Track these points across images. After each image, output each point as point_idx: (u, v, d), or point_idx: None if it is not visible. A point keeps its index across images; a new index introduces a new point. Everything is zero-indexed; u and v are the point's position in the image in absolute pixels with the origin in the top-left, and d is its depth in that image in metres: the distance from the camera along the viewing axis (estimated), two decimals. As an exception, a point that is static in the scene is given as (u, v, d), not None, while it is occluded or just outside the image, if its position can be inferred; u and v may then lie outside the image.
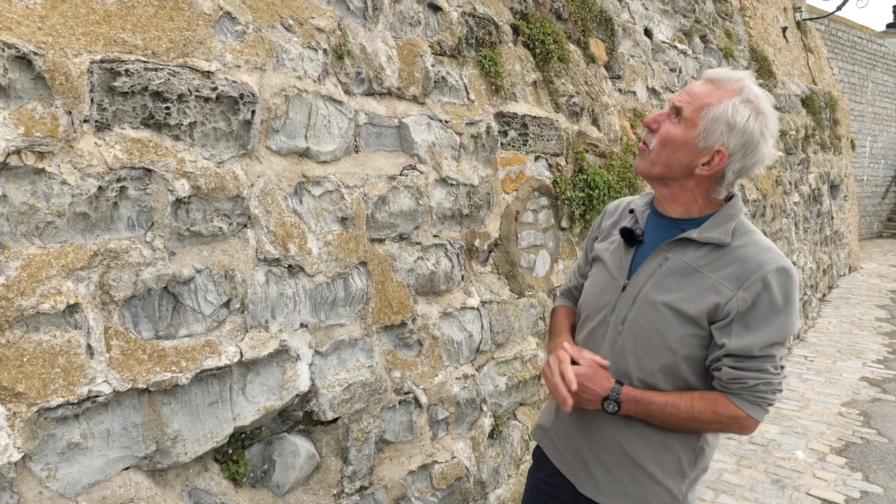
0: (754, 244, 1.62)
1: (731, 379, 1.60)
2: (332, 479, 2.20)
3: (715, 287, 1.59)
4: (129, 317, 1.72)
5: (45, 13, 1.61)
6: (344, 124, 2.38)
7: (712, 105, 1.57)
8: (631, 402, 1.65)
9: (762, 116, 1.57)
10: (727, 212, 1.66)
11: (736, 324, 1.58)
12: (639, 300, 1.68)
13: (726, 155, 1.57)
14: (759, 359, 1.58)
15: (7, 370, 1.46)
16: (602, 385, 1.66)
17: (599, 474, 1.74)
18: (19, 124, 1.52)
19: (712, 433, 1.74)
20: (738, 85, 1.59)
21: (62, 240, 1.60)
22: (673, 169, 1.64)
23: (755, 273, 1.57)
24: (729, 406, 1.61)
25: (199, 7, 1.92)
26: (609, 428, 1.72)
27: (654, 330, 1.65)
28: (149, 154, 1.74)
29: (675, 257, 1.66)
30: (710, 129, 1.57)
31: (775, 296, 1.56)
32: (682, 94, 1.64)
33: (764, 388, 1.60)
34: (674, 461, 1.70)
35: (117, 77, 1.69)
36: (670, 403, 1.64)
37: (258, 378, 1.99)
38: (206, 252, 1.89)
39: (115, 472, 1.65)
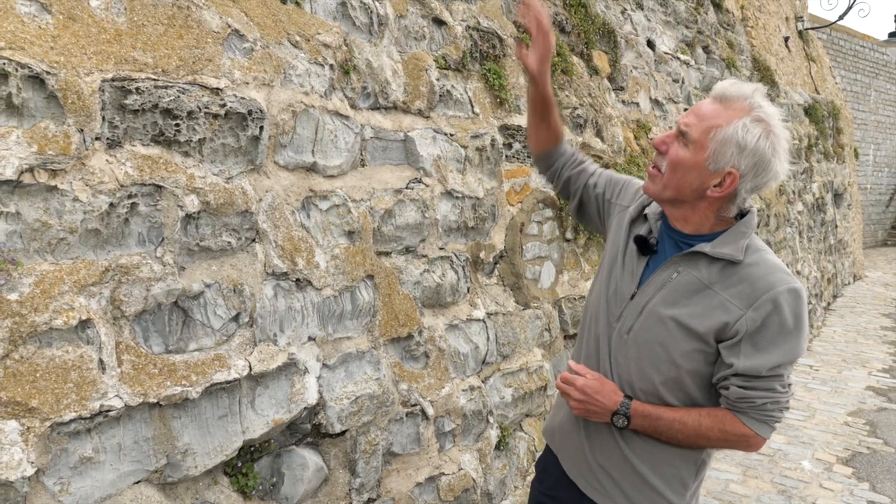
0: (765, 263, 1.61)
1: (739, 398, 1.60)
2: (340, 492, 2.21)
3: (724, 305, 1.58)
4: (139, 331, 1.74)
5: (58, 33, 1.63)
6: (350, 139, 2.41)
7: (721, 126, 1.54)
8: (640, 418, 1.66)
9: (773, 135, 1.54)
10: (740, 229, 1.64)
11: (745, 344, 1.57)
12: (646, 312, 1.68)
13: (738, 176, 1.55)
14: (767, 379, 1.58)
15: (21, 385, 1.47)
16: (611, 398, 1.66)
17: (603, 478, 1.75)
18: (32, 143, 1.55)
19: (718, 449, 1.76)
20: (747, 103, 1.55)
21: (74, 256, 1.62)
22: (684, 192, 1.62)
23: (766, 294, 1.56)
24: (736, 424, 1.61)
25: (208, 25, 1.95)
26: (612, 435, 1.73)
27: (658, 343, 1.65)
28: (159, 170, 1.77)
29: (685, 271, 1.65)
30: (720, 151, 1.54)
31: (786, 317, 1.56)
32: (689, 116, 1.61)
33: (772, 407, 1.61)
34: (675, 474, 1.72)
35: (128, 95, 1.71)
36: (678, 420, 1.65)
37: (267, 391, 2.00)
38: (216, 267, 1.91)
39: (126, 485, 1.66)
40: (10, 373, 1.47)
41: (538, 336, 3.38)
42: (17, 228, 1.53)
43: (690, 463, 1.73)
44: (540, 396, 3.29)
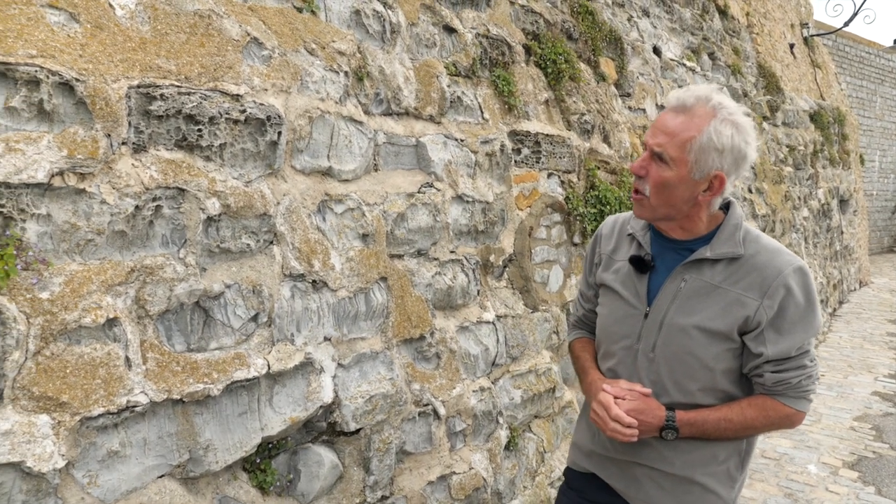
0: (765, 250, 1.66)
1: (775, 383, 1.66)
2: (354, 489, 2.25)
3: (739, 300, 1.63)
4: (162, 330, 1.80)
5: (86, 41, 1.69)
6: (364, 144, 2.46)
7: (695, 137, 1.57)
8: (687, 426, 1.68)
9: (741, 128, 1.59)
10: (731, 222, 1.69)
11: (768, 331, 1.62)
12: (665, 326, 1.70)
13: (724, 176, 1.60)
14: (796, 358, 1.65)
15: (52, 381, 1.53)
16: (656, 415, 1.68)
17: (650, 487, 1.77)
18: (62, 147, 1.60)
19: (765, 433, 1.78)
20: (710, 106, 1.58)
21: (101, 257, 1.68)
22: (677, 206, 1.65)
23: (776, 279, 1.61)
24: (778, 406, 1.68)
25: (228, 33, 2.01)
26: (659, 447, 1.74)
27: (688, 353, 1.67)
28: (182, 174, 1.82)
29: (692, 278, 1.68)
30: (702, 159, 1.58)
31: (799, 298, 1.61)
32: (659, 136, 1.62)
33: (806, 383, 1.67)
34: (723, 470, 1.75)
35: (153, 101, 1.77)
36: (724, 418, 1.68)
37: (284, 390, 2.05)
38: (235, 268, 1.97)
39: (151, 479, 1.71)
40: (42, 369, 1.52)
41: (546, 339, 3.42)
42: (47, 230, 1.59)
43: (735, 454, 1.76)
44: (548, 398, 3.33)
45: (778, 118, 8.63)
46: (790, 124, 9.10)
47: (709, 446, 1.73)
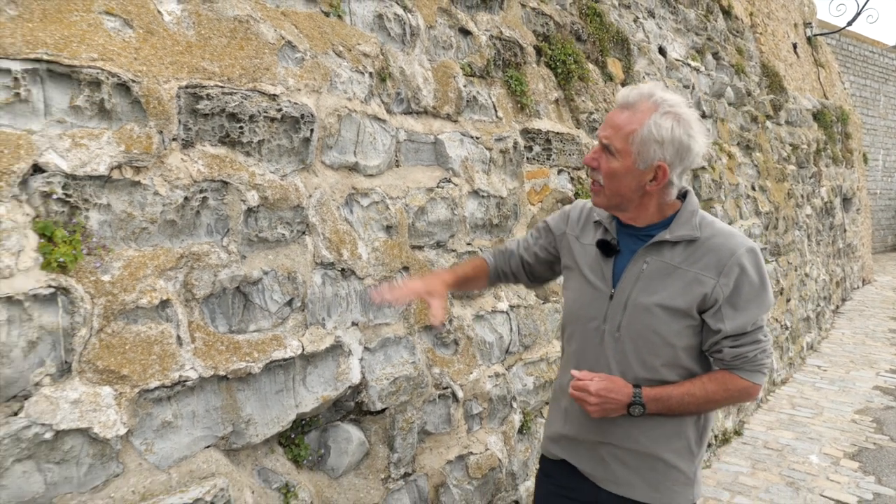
0: (719, 233, 1.79)
1: (733, 357, 1.78)
2: (380, 465, 2.40)
3: (698, 279, 1.76)
4: (207, 313, 1.94)
5: (139, 45, 1.84)
6: (387, 141, 2.61)
7: (636, 129, 1.69)
8: (653, 402, 1.80)
9: (683, 121, 1.69)
10: (688, 209, 1.82)
11: (725, 308, 1.75)
12: (630, 306, 1.82)
13: (667, 167, 1.71)
14: (752, 332, 1.78)
15: (113, 356, 1.67)
16: (624, 392, 1.79)
17: (618, 469, 1.88)
18: (120, 142, 1.75)
19: (725, 407, 1.93)
20: (651, 101, 1.70)
21: (154, 244, 1.83)
22: (626, 195, 1.78)
23: (730, 259, 1.74)
24: (736, 380, 1.80)
25: (265, 37, 2.16)
26: (625, 425, 1.85)
27: (651, 331, 1.79)
28: (225, 168, 1.97)
29: (653, 260, 1.80)
30: (644, 150, 1.70)
31: (752, 276, 1.75)
32: (607, 129, 1.76)
33: (761, 356, 1.81)
34: (684, 445, 1.87)
35: (200, 101, 1.91)
36: (687, 393, 1.80)
37: (316, 370, 2.20)
38: (272, 256, 2.11)
39: (199, 449, 1.86)
40: (105, 345, 1.67)
41: (557, 328, 3.56)
42: (107, 218, 1.73)
43: (696, 429, 1.88)
44: (559, 386, 3.47)
45: (781, 117, 8.76)
46: (793, 123, 9.22)
47: (670, 423, 1.84)
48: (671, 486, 1.86)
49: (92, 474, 1.62)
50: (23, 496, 1.51)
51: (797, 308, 8.13)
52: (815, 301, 9.11)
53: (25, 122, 1.60)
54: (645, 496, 1.87)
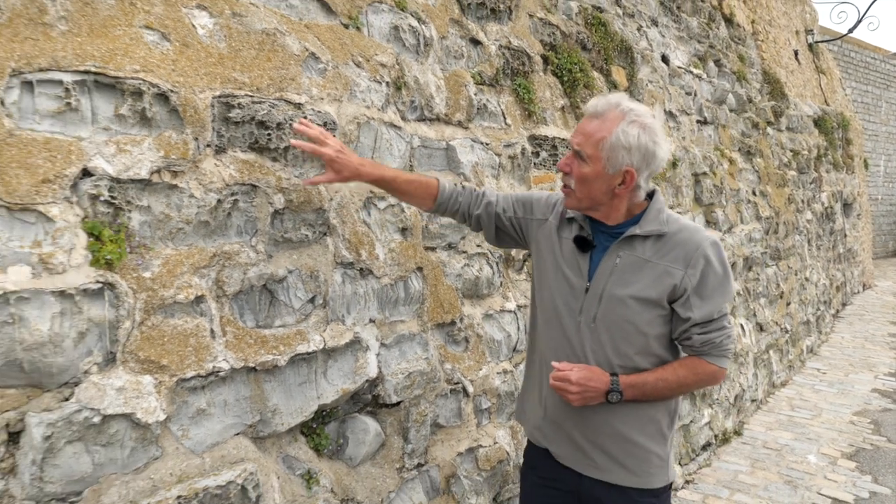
0: (685, 228, 1.95)
1: (702, 343, 1.94)
2: (395, 455, 2.52)
3: (667, 271, 1.91)
4: (236, 308, 2.07)
5: (176, 57, 1.97)
6: (402, 147, 2.73)
7: (605, 137, 1.84)
8: (629, 388, 1.94)
9: (648, 129, 1.85)
10: (655, 206, 1.97)
11: (692, 297, 1.91)
12: (605, 298, 1.96)
13: (634, 171, 1.86)
14: (718, 320, 1.94)
15: (154, 347, 1.80)
16: (602, 380, 1.93)
17: (597, 456, 2.02)
18: (160, 148, 1.88)
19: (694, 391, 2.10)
20: (618, 111, 1.85)
21: (189, 243, 1.95)
22: (597, 198, 1.94)
23: (696, 251, 1.90)
24: (705, 365, 1.97)
25: (290, 49, 2.28)
26: (602, 413, 1.99)
27: (626, 320, 1.94)
28: (255, 173, 2.10)
29: (626, 255, 1.95)
30: (612, 156, 1.85)
31: (716, 266, 1.91)
32: (578, 136, 1.90)
33: (727, 342, 1.98)
34: (657, 429, 2.03)
35: (231, 109, 2.04)
36: (660, 378, 1.96)
37: (336, 364, 2.32)
38: (296, 255, 2.24)
39: (229, 435, 1.98)
40: (145, 337, 1.79)
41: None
42: (147, 219, 1.86)
43: (667, 414, 2.05)
44: (564, 383, 3.59)
45: (782, 123, 8.88)
46: (794, 129, 9.34)
47: (643, 409, 1.99)
48: (648, 468, 2.02)
49: (134, 456, 1.75)
50: (73, 475, 1.64)
51: (797, 312, 8.25)
52: (815, 305, 9.22)
53: (75, 129, 1.73)
54: (625, 480, 2.02)
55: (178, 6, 2.03)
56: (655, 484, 2.04)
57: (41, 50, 1.69)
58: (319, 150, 2.07)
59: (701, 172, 5.95)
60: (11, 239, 1.57)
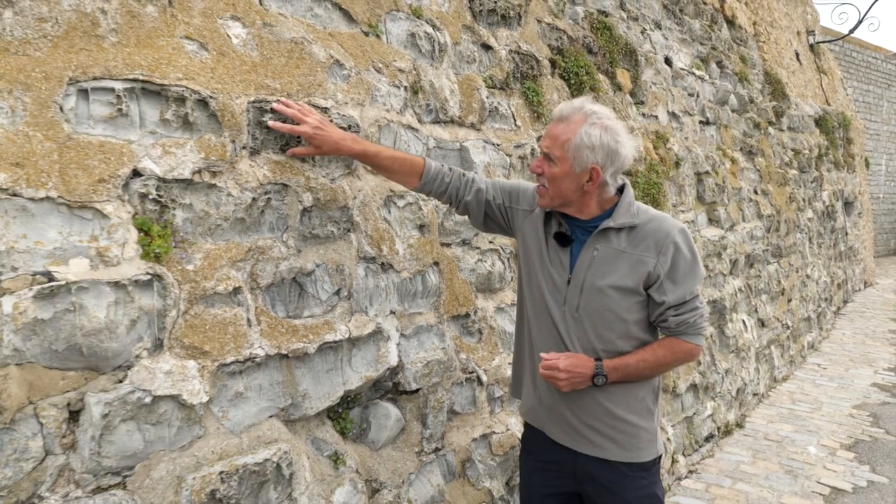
0: (655, 218, 2.11)
1: (677, 324, 2.11)
2: (414, 440, 2.67)
3: (641, 260, 2.06)
4: (268, 300, 2.21)
5: (214, 65, 2.11)
6: (420, 148, 2.88)
7: (570, 139, 1.99)
8: (613, 371, 2.10)
9: (609, 129, 2.00)
10: (625, 200, 2.12)
11: (665, 282, 2.07)
12: (585, 288, 2.11)
13: (599, 168, 2.01)
14: (690, 301, 2.10)
15: (196, 334, 1.95)
16: (588, 366, 2.09)
17: (589, 433, 2.18)
18: (200, 150, 2.02)
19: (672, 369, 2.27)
20: (581, 114, 2.01)
21: (227, 238, 2.10)
22: (568, 196, 2.08)
23: (665, 239, 2.06)
24: (681, 344, 2.14)
25: (317, 57, 2.43)
26: (592, 394, 2.15)
27: (606, 308, 2.10)
28: (285, 173, 2.24)
29: (602, 247, 2.10)
30: (577, 156, 2.00)
31: (685, 252, 2.07)
32: (546, 140, 2.06)
33: (700, 321, 2.14)
34: (643, 406, 2.19)
35: (265, 114, 2.19)
36: (641, 359, 2.12)
37: (360, 353, 2.46)
38: (322, 250, 2.38)
39: (264, 418, 2.13)
40: (189, 325, 1.94)
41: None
42: (189, 216, 2.01)
43: (651, 393, 2.22)
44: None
45: (783, 123, 9.01)
46: (795, 129, 9.48)
47: (630, 388, 2.15)
48: (637, 443, 2.18)
49: (180, 435, 1.90)
50: (126, 451, 1.78)
51: (798, 308, 8.38)
52: (816, 302, 9.35)
53: (125, 133, 1.88)
54: (617, 455, 2.17)
55: (213, 17, 2.18)
56: (644, 458, 2.19)
57: (95, 60, 1.84)
58: (296, 129, 2.17)
59: (703, 172, 6.09)
60: (72, 234, 1.72)
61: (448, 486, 2.78)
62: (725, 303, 5.96)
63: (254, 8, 2.31)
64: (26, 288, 1.62)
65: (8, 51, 1.71)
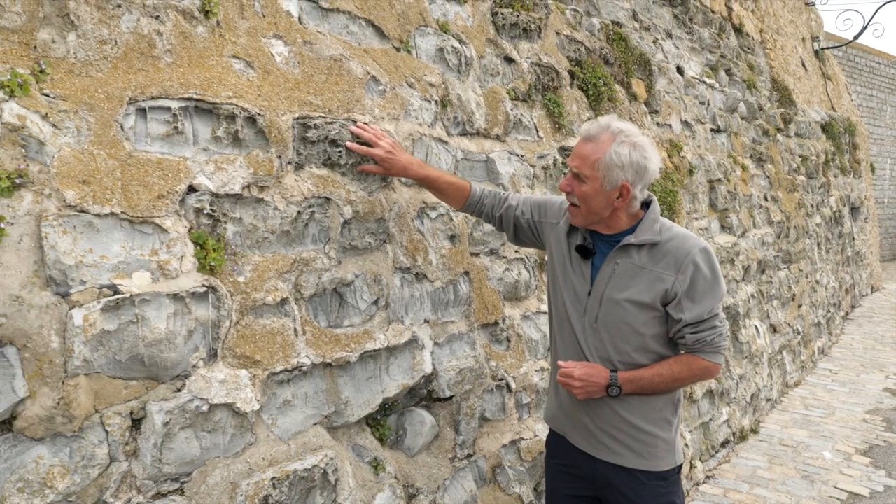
0: (677, 236, 2.13)
1: (694, 342, 2.12)
2: (447, 446, 2.73)
3: (660, 277, 2.09)
4: (311, 310, 2.27)
5: (260, 83, 2.18)
6: (449, 160, 2.94)
7: (600, 158, 2.03)
8: (627, 383, 2.14)
9: (638, 146, 2.04)
10: (650, 217, 2.15)
11: (684, 300, 2.08)
12: (604, 301, 2.16)
13: (629, 185, 2.06)
14: (708, 320, 2.11)
15: (248, 344, 2.01)
16: (602, 376, 2.14)
17: (607, 440, 2.22)
18: (249, 166, 2.09)
19: (689, 385, 2.30)
20: (609, 133, 2.05)
21: (273, 251, 2.16)
22: (600, 213, 2.13)
23: (686, 258, 2.08)
24: (698, 361, 2.16)
25: (354, 73, 2.50)
26: (609, 403, 2.19)
27: (622, 322, 2.13)
28: (328, 187, 2.31)
29: (623, 262, 2.14)
30: (608, 175, 2.04)
31: (705, 272, 2.09)
32: (575, 160, 2.10)
33: (718, 340, 2.14)
34: (661, 417, 2.22)
35: (308, 129, 2.26)
36: (656, 374, 2.15)
37: (396, 361, 2.53)
38: (361, 261, 2.45)
39: (309, 425, 2.19)
40: (241, 335, 2.00)
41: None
42: (239, 230, 2.07)
43: (670, 405, 2.24)
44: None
45: (791, 129, 9.08)
46: (802, 135, 9.54)
47: (647, 399, 2.19)
48: (655, 452, 2.21)
49: (234, 442, 1.96)
50: (185, 458, 1.84)
51: (808, 314, 8.43)
52: (826, 307, 9.40)
53: (181, 150, 1.95)
54: (634, 463, 2.20)
55: (258, 37, 2.25)
56: (663, 467, 2.22)
57: (152, 80, 1.91)
58: (370, 152, 2.36)
59: (716, 179, 6.15)
60: (134, 248, 1.79)
61: (480, 491, 2.83)
62: (739, 309, 6.01)
63: (294, 27, 2.39)
64: (94, 300, 1.68)
65: (73, 72, 1.79)
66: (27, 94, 1.67)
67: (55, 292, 1.64)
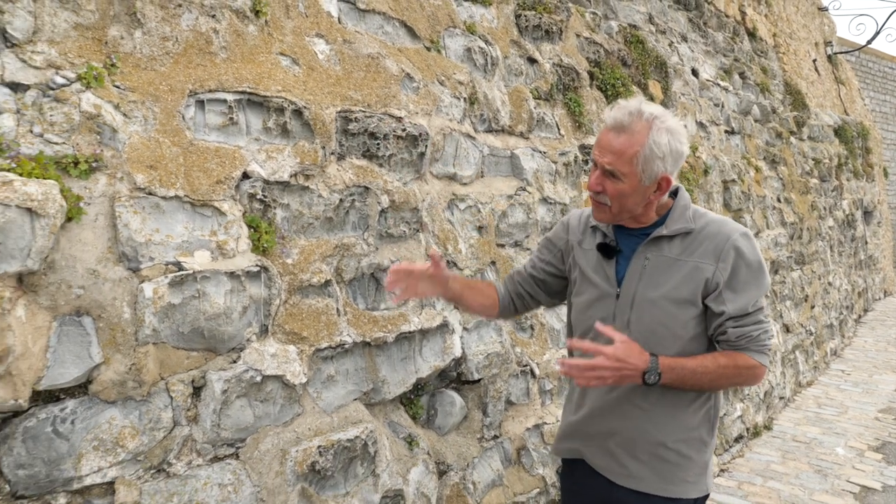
0: (713, 222, 1.85)
1: (738, 337, 1.81)
2: (475, 427, 2.85)
3: (698, 267, 1.80)
4: (350, 292, 2.41)
5: (305, 78, 2.33)
6: (477, 155, 3.08)
7: (638, 151, 1.72)
8: (668, 370, 1.76)
9: (673, 131, 1.75)
10: (680, 204, 1.87)
11: (725, 291, 1.80)
12: (636, 302, 1.84)
13: (669, 177, 1.78)
14: (753, 314, 1.82)
15: (295, 322, 2.15)
16: (641, 358, 1.73)
17: (630, 463, 1.88)
18: (296, 156, 2.23)
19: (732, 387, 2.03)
20: (644, 121, 1.72)
21: (317, 236, 2.30)
22: (634, 209, 1.83)
23: (726, 244, 1.80)
24: (745, 359, 1.82)
25: (390, 70, 2.64)
26: (636, 416, 1.87)
27: (659, 324, 1.82)
28: (367, 177, 2.45)
29: (654, 256, 1.84)
30: (648, 168, 1.74)
31: (748, 258, 1.81)
32: (606, 155, 1.76)
33: (764, 337, 1.84)
34: (695, 436, 1.89)
35: (350, 123, 2.40)
36: (700, 365, 1.80)
37: (429, 344, 2.66)
38: (395, 248, 2.59)
39: (350, 400, 2.32)
40: (289, 313, 2.14)
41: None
42: (287, 215, 2.21)
43: (706, 423, 1.92)
44: (613, 372, 3.92)
45: (804, 133, 9.17)
46: (815, 138, 9.63)
47: (680, 417, 1.87)
48: (684, 476, 1.88)
49: (283, 412, 2.10)
50: (240, 424, 1.98)
51: (821, 315, 8.51)
52: (838, 309, 9.47)
53: (235, 139, 2.09)
54: (658, 489, 1.87)
55: (302, 35, 2.39)
56: (691, 493, 1.90)
57: (209, 74, 2.06)
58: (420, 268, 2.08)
59: (730, 180, 6.26)
60: (195, 229, 1.93)
61: (506, 471, 2.96)
62: (752, 307, 6.10)
63: (335, 26, 2.53)
64: (162, 275, 1.83)
65: (139, 66, 1.93)
66: (101, 85, 1.82)
67: (127, 267, 1.78)
